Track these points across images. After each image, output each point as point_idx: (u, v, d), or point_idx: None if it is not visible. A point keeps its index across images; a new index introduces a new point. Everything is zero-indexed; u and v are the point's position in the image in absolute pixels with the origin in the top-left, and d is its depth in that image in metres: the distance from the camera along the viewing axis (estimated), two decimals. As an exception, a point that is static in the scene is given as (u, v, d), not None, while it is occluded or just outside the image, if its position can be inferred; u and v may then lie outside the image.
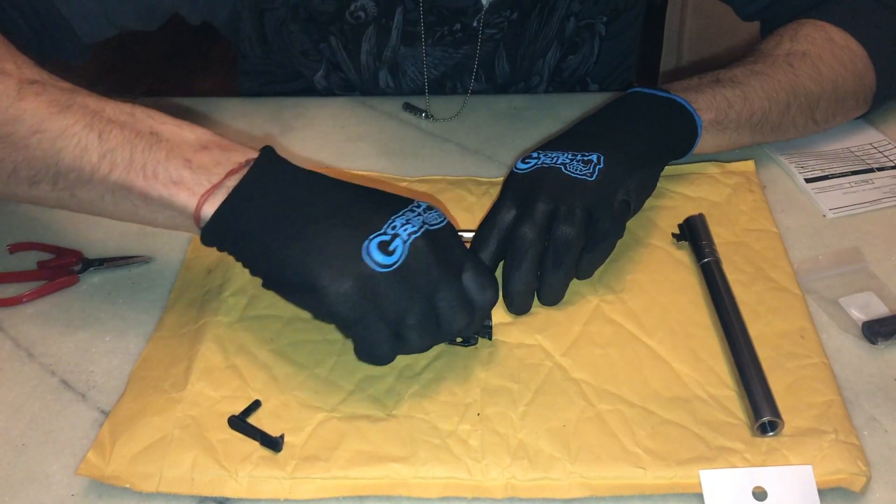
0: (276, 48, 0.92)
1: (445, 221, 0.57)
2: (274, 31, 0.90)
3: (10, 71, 0.57)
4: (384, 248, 0.53)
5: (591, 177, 0.62)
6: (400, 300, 0.53)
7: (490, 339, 0.60)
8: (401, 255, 0.53)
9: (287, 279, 0.54)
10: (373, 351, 0.54)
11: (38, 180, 0.57)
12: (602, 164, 0.63)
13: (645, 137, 0.68)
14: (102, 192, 0.56)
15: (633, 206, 0.64)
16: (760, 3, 0.85)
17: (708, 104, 0.71)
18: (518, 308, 0.62)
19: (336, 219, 0.54)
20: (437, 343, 0.57)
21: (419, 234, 0.54)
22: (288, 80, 0.95)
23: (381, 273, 0.52)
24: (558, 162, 0.64)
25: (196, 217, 0.55)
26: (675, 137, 0.70)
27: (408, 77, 0.91)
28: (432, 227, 0.55)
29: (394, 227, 0.54)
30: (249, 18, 0.90)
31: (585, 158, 0.64)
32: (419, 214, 0.55)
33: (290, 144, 0.83)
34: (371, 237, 0.53)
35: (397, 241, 0.53)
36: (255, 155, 0.57)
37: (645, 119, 0.69)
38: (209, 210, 0.55)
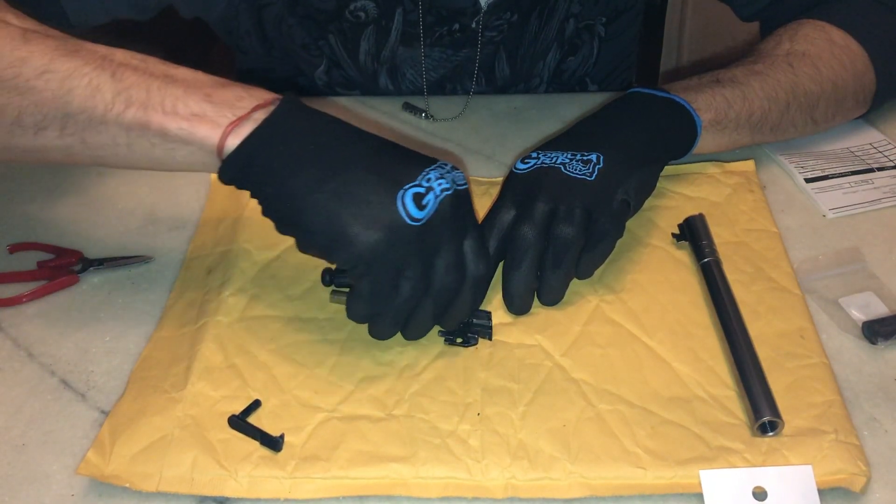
0: (276, 44, 0.92)
1: (467, 184, 0.57)
2: (273, 27, 0.90)
3: (12, 21, 0.56)
4: (418, 200, 0.52)
5: (591, 176, 0.62)
6: (411, 253, 0.53)
7: (490, 339, 0.60)
8: (430, 211, 0.53)
9: (309, 221, 0.53)
10: (374, 301, 0.54)
11: (45, 126, 0.55)
12: (601, 164, 0.63)
13: (644, 137, 0.68)
14: (116, 132, 0.55)
15: (632, 205, 0.64)
16: (760, 3, 0.85)
17: (707, 104, 0.71)
18: (518, 308, 0.62)
19: (370, 165, 0.53)
20: (423, 302, 0.56)
21: (451, 191, 0.54)
22: (288, 77, 0.95)
23: (410, 225, 0.52)
24: (558, 162, 0.64)
25: (219, 148, 0.53)
26: (674, 137, 0.70)
27: (407, 80, 0.91)
28: (459, 187, 0.55)
29: (428, 180, 0.54)
30: (247, 14, 0.90)
31: (585, 158, 0.64)
32: (449, 171, 0.56)
33: (290, 144, 0.83)
34: (406, 187, 0.53)
35: (430, 196, 0.53)
36: (276, 97, 0.56)
37: (644, 119, 0.69)
38: (234, 142, 0.53)
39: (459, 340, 0.60)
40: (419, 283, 0.54)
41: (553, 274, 0.60)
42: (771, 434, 0.53)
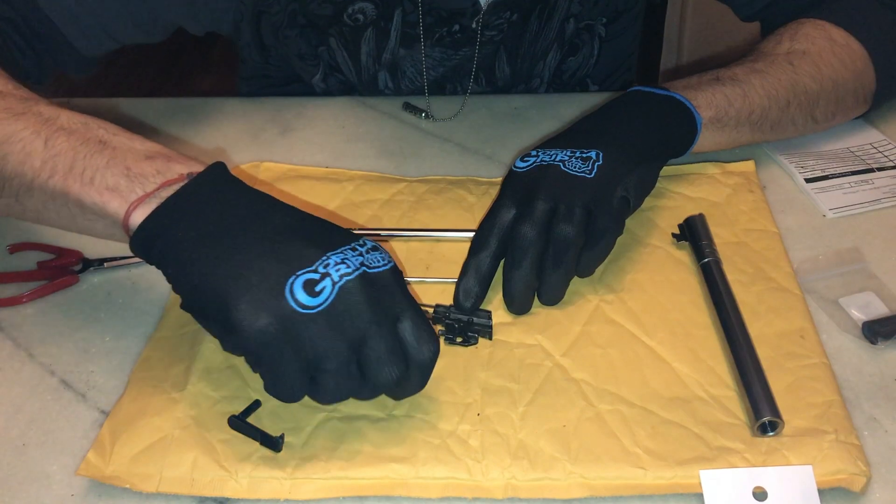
0: (273, 52, 0.92)
1: (389, 265, 0.53)
2: (271, 36, 0.90)
3: None
4: (310, 287, 0.49)
5: (591, 174, 0.62)
6: (319, 344, 0.49)
7: (490, 338, 0.60)
8: (327, 298, 0.49)
9: (202, 304, 0.51)
10: (279, 390, 0.51)
11: None
12: (601, 161, 0.63)
13: (644, 134, 0.68)
14: (44, 199, 0.55)
15: (632, 203, 0.64)
16: (760, 3, 0.86)
17: (707, 102, 0.71)
18: (518, 308, 0.62)
19: (266, 247, 0.50)
20: (359, 395, 0.52)
21: (352, 276, 0.50)
22: (286, 84, 0.95)
23: (302, 314, 0.48)
24: (557, 159, 0.64)
25: (124, 225, 0.53)
26: (674, 135, 0.70)
27: (407, 78, 0.91)
28: (371, 271, 0.51)
29: (326, 266, 0.50)
30: (248, 23, 0.90)
31: (584, 155, 0.64)
32: (360, 255, 0.52)
33: (290, 144, 0.83)
34: (298, 273, 0.49)
35: (326, 282, 0.49)
36: (199, 168, 0.54)
37: (644, 116, 0.69)
38: (137, 218, 0.52)
39: (459, 340, 0.60)
40: (343, 374, 0.50)
41: (554, 273, 0.60)
42: (771, 434, 0.53)
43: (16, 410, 0.57)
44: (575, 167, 0.63)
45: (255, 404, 0.55)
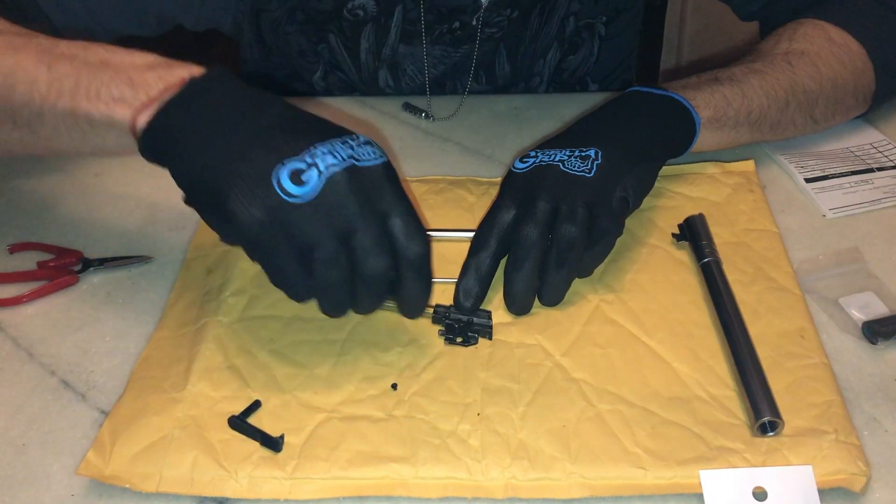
0: (274, 50, 0.92)
1: (382, 161, 0.54)
2: (270, 33, 0.90)
3: None
4: (296, 176, 0.50)
5: (590, 173, 0.62)
6: (309, 233, 0.50)
7: (490, 338, 0.60)
8: (314, 188, 0.50)
9: (200, 196, 0.53)
10: (282, 279, 0.53)
11: (1, 121, 0.58)
12: (600, 160, 0.63)
13: (642, 134, 0.68)
14: (55, 123, 0.57)
15: (631, 203, 0.64)
16: (759, 2, 0.86)
17: (706, 102, 0.71)
18: (519, 308, 0.62)
19: (257, 138, 0.52)
20: (352, 284, 0.53)
21: (339, 168, 0.51)
22: (287, 82, 0.95)
23: (289, 203, 0.50)
24: (556, 159, 0.64)
25: (132, 130, 0.54)
26: (672, 134, 0.70)
27: (407, 76, 0.91)
28: (360, 163, 0.52)
29: (313, 156, 0.51)
30: (249, 24, 0.90)
31: (583, 154, 0.64)
32: (350, 147, 0.53)
33: (289, 144, 0.83)
34: (285, 162, 0.50)
35: (312, 172, 0.50)
36: (200, 71, 0.56)
37: (642, 116, 0.69)
38: (143, 122, 0.54)
39: (459, 340, 0.60)
40: (332, 264, 0.51)
41: (556, 274, 0.60)
42: (771, 434, 0.53)
43: (16, 410, 0.57)
44: (574, 167, 0.63)
45: (255, 405, 0.55)
